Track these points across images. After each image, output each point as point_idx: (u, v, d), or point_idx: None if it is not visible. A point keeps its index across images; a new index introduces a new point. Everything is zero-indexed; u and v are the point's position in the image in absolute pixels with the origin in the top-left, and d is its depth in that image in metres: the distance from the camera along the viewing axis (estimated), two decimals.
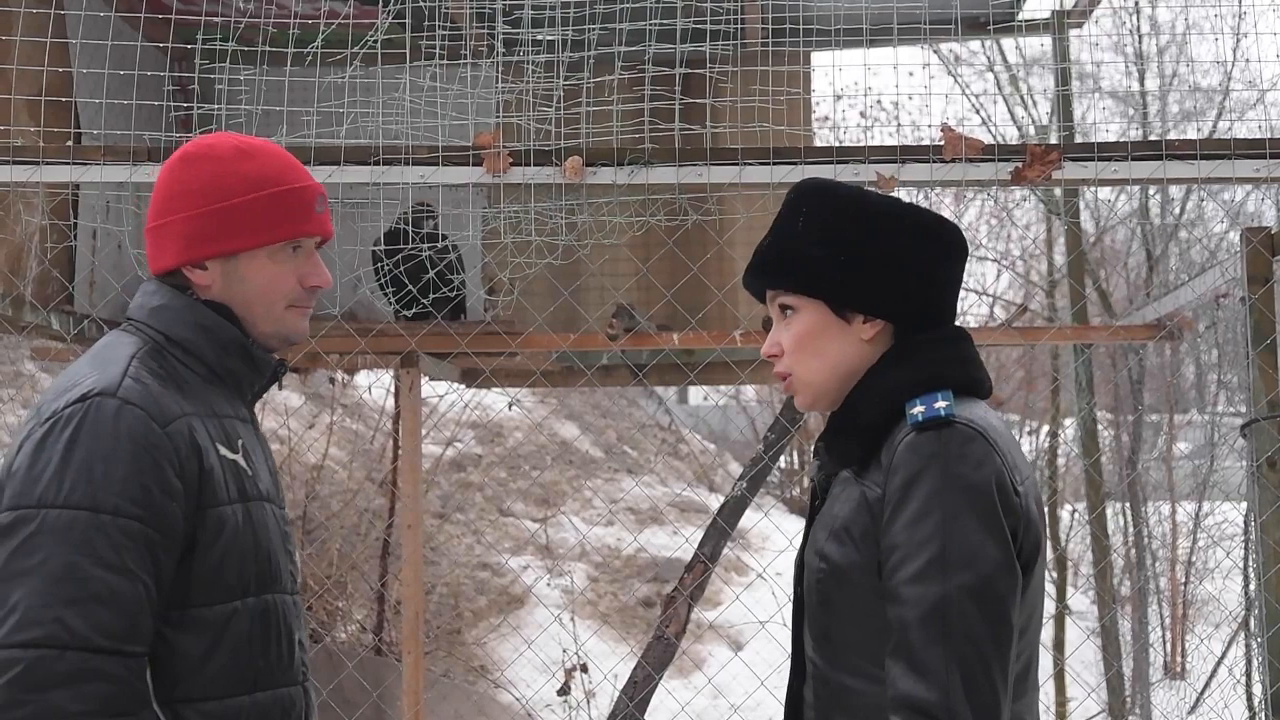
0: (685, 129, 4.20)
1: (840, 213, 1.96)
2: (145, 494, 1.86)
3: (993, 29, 5.64)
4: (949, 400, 1.85)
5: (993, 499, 1.78)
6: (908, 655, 1.75)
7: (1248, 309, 4.06)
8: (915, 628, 1.75)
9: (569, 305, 5.19)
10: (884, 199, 2.01)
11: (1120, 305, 10.39)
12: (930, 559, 1.76)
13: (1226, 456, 8.64)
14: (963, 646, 1.74)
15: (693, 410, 16.00)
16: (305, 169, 2.15)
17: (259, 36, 4.48)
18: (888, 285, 1.93)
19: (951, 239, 1.99)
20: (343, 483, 9.40)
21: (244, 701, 1.97)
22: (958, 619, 1.74)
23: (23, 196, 4.64)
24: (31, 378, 8.78)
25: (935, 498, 1.78)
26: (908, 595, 1.76)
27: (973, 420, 1.84)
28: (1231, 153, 3.92)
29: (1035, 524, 1.86)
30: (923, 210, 2.01)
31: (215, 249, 2.05)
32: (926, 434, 1.82)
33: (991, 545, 1.77)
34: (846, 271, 1.93)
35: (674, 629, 5.50)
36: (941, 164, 3.94)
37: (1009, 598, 1.78)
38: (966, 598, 1.74)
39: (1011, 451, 1.86)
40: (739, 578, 9.94)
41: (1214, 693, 7.40)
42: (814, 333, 1.96)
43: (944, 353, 1.94)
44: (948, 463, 1.79)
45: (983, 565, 1.76)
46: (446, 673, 8.55)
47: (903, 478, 1.81)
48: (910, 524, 1.78)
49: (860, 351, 1.95)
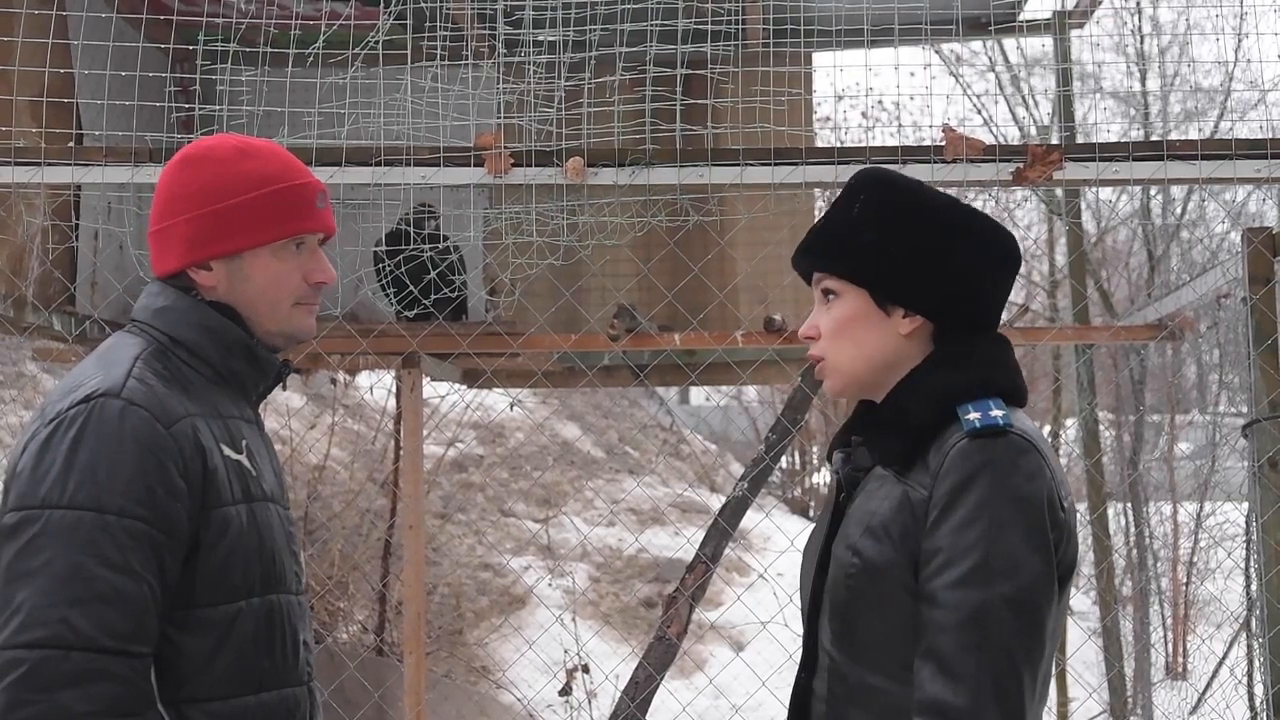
0: (686, 129, 4.20)
1: (896, 204, 1.95)
2: (150, 495, 1.86)
3: (994, 29, 5.64)
4: (1003, 409, 1.84)
5: (1042, 513, 1.78)
6: (940, 659, 1.75)
7: (1249, 309, 4.06)
8: (951, 632, 1.75)
9: (570, 306, 5.19)
10: (942, 197, 2.00)
11: (1121, 305, 10.39)
12: (974, 566, 1.75)
13: (1228, 457, 8.63)
14: (997, 656, 1.73)
15: (694, 411, 16.01)
16: (305, 166, 2.15)
17: (260, 37, 4.48)
18: (932, 282, 1.92)
19: (1005, 247, 1.98)
20: (344, 483, 9.40)
21: (249, 702, 1.97)
22: (995, 628, 1.74)
23: (25, 197, 4.64)
24: (33, 379, 8.78)
25: (984, 506, 1.77)
26: (947, 600, 1.76)
27: (1026, 432, 1.84)
28: (1233, 153, 3.92)
29: (1075, 539, 1.86)
30: (979, 214, 1.99)
31: (219, 249, 2.05)
32: (981, 441, 1.81)
33: (1035, 558, 1.77)
34: (893, 263, 1.92)
35: (675, 629, 5.50)
36: (943, 164, 3.95)
37: (1046, 610, 1.78)
38: (1006, 608, 1.74)
39: (1056, 466, 1.86)
40: (740, 578, 9.94)
41: (1215, 693, 7.40)
42: (853, 320, 1.95)
43: (992, 358, 1.93)
44: (1000, 472, 1.78)
45: (1024, 577, 1.75)
46: (448, 673, 8.55)
47: (953, 483, 1.80)
48: (957, 530, 1.77)
49: (897, 345, 1.94)
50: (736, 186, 4.09)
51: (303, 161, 2.17)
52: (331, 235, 2.17)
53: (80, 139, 4.90)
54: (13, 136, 4.27)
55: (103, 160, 4.06)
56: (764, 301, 5.60)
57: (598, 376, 5.70)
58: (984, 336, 1.96)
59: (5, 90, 4.32)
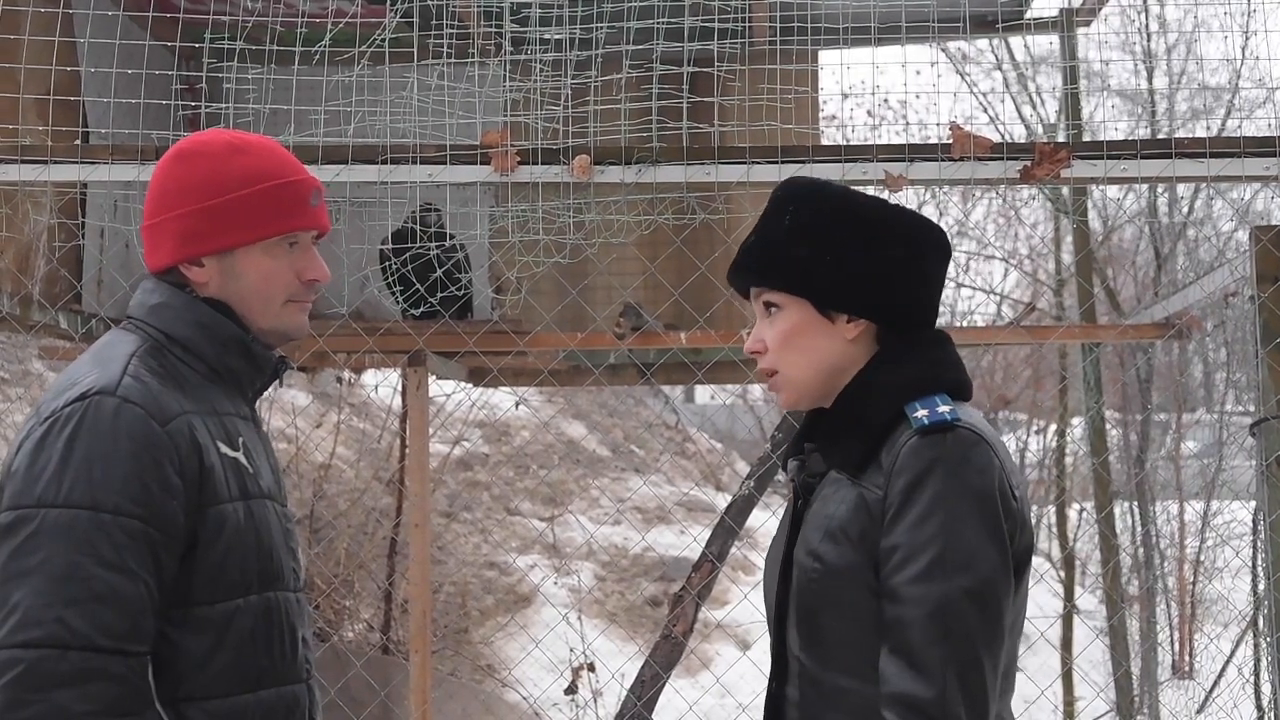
0: (693, 128, 4.20)
1: (826, 213, 1.98)
2: (146, 493, 1.85)
3: (1001, 27, 5.63)
4: (950, 404, 1.87)
5: (995, 504, 1.82)
6: (906, 654, 1.78)
7: (1256, 308, 4.05)
8: (915, 627, 1.78)
9: (576, 304, 5.18)
10: (870, 200, 2.02)
11: (1128, 304, 10.37)
12: (932, 560, 1.78)
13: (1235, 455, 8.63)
14: (961, 647, 1.77)
15: (700, 409, 16.00)
16: (300, 163, 2.13)
17: (266, 35, 4.48)
18: (871, 286, 1.95)
19: (935, 240, 2.01)
20: (350, 482, 9.41)
21: (248, 700, 1.96)
22: (957, 620, 1.77)
23: (31, 195, 4.64)
24: (39, 376, 8.79)
25: (939, 501, 1.80)
26: (909, 595, 1.79)
27: (974, 425, 1.87)
28: (1240, 151, 3.91)
29: (1029, 528, 1.90)
30: (908, 211, 2.03)
31: (211, 245, 2.04)
32: (931, 437, 1.84)
33: (991, 549, 1.80)
34: (831, 271, 1.95)
35: (681, 628, 5.50)
36: (950, 162, 3.94)
37: (1004, 600, 1.81)
38: (966, 599, 1.78)
39: (1005, 457, 1.89)
40: (746, 577, 9.93)
41: (1223, 692, 7.39)
42: (798, 330, 1.98)
43: (936, 355, 1.96)
44: (952, 467, 1.82)
45: (982, 568, 1.79)
46: (454, 672, 8.55)
47: (906, 480, 1.82)
48: (913, 526, 1.80)
49: (844, 350, 1.97)
50: (743, 185, 4.08)
51: (309, 160, 2.16)
52: (325, 233, 2.16)
53: (86, 137, 4.90)
54: (19, 134, 4.27)
55: (109, 158, 4.06)
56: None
57: (604, 375, 5.69)
58: (925, 334, 1.99)
59: (11, 88, 4.32)
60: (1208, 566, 9.97)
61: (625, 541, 10.33)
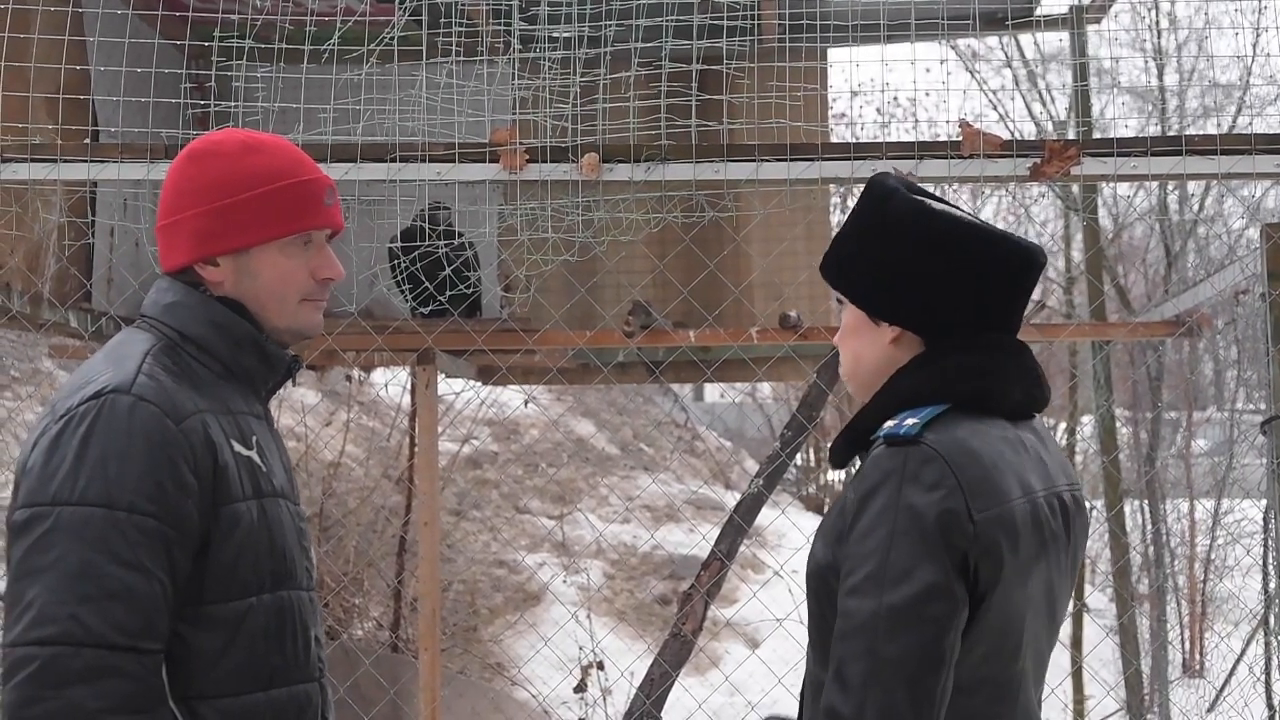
0: (702, 125, 4.19)
1: (877, 217, 1.96)
2: (160, 491, 1.86)
3: (1011, 25, 5.62)
4: (920, 418, 1.83)
5: (934, 524, 1.76)
6: (836, 667, 1.77)
7: (1267, 305, 4.04)
8: (843, 640, 1.77)
9: (585, 302, 5.19)
10: (927, 210, 1.94)
11: (1139, 302, 10.35)
12: (867, 575, 1.77)
13: (1246, 453, 8.60)
14: (882, 666, 1.73)
15: (709, 408, 15.99)
16: (313, 162, 2.14)
17: (276, 34, 4.48)
18: (902, 295, 1.93)
19: (996, 255, 1.92)
20: (359, 480, 9.41)
21: (260, 698, 1.97)
22: (881, 638, 1.74)
23: (41, 194, 4.65)
24: (50, 375, 8.80)
25: (881, 515, 1.78)
26: (843, 607, 1.79)
27: (939, 441, 1.81)
28: (1252, 148, 3.90)
29: (998, 551, 1.79)
30: (969, 225, 1.93)
31: (226, 245, 2.04)
32: (891, 450, 1.83)
33: (929, 567, 1.75)
34: (866, 277, 1.96)
35: (690, 626, 5.49)
36: (959, 160, 3.93)
37: (944, 621, 1.75)
38: (894, 617, 1.74)
39: (986, 475, 1.81)
40: (756, 575, 9.92)
41: (1233, 691, 7.36)
42: (851, 328, 2.00)
43: (957, 363, 1.90)
44: (901, 482, 1.79)
45: (914, 586, 1.74)
46: (463, 670, 8.55)
47: (861, 490, 1.83)
48: (859, 538, 1.80)
49: (887, 353, 1.96)
50: (752, 183, 4.08)
51: (318, 158, 2.16)
52: (339, 232, 2.16)
53: (96, 136, 4.91)
54: (29, 133, 4.27)
55: (119, 157, 4.07)
56: (779, 298, 5.59)
57: (612, 373, 5.70)
58: (973, 340, 1.92)
59: (22, 87, 4.33)
60: (1218, 565, 9.95)
61: (634, 540, 10.32)
